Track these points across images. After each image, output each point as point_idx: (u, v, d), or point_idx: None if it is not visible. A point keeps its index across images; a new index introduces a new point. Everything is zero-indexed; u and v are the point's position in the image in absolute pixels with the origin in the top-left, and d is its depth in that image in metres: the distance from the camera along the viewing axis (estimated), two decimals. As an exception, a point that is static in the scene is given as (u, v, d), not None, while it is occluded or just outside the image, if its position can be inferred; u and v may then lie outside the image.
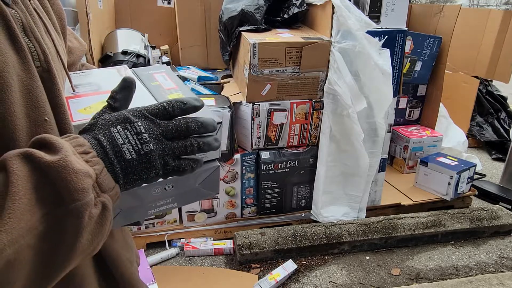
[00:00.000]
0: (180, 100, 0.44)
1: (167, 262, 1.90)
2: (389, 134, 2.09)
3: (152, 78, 0.65)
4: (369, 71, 1.78)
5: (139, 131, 0.41)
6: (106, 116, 0.43)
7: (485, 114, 3.38)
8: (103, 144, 0.40)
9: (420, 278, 1.83)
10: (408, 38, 2.39)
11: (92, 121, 0.43)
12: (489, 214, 2.15)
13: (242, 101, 1.86)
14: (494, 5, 6.71)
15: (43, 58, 0.45)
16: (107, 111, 0.45)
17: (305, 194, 2.08)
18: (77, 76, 0.65)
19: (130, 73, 0.66)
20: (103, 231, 0.39)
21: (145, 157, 0.41)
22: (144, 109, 0.43)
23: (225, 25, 1.98)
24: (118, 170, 0.40)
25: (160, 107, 0.43)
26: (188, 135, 0.44)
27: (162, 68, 0.69)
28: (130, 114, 0.42)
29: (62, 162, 0.35)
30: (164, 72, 0.68)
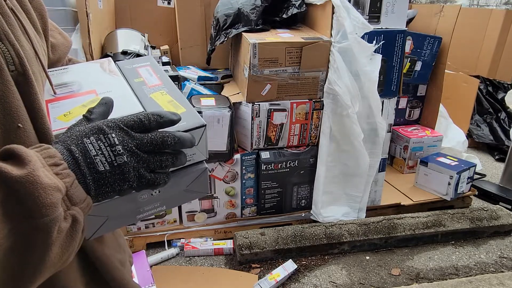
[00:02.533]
0: (157, 113, 0.44)
1: (167, 262, 1.90)
2: (389, 134, 2.09)
3: (136, 73, 0.62)
4: (364, 73, 1.78)
5: (113, 143, 0.41)
6: (80, 127, 0.43)
7: (484, 114, 3.39)
8: (75, 155, 0.39)
9: (420, 278, 1.83)
10: (408, 38, 2.39)
11: (66, 132, 0.43)
12: (489, 214, 2.15)
13: (242, 101, 1.86)
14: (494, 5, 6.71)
15: (18, 61, 0.44)
16: (83, 123, 0.45)
17: (305, 194, 2.08)
18: (58, 74, 0.61)
19: (113, 67, 0.63)
20: (74, 244, 0.38)
21: (118, 169, 0.40)
22: (119, 121, 0.42)
23: (218, 20, 1.98)
24: (90, 182, 0.40)
25: (136, 119, 0.43)
26: (163, 149, 0.44)
27: (147, 61, 0.66)
28: (105, 125, 0.41)
29: (30, 177, 0.34)
30: (149, 65, 0.64)
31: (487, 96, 3.40)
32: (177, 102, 0.56)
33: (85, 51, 1.57)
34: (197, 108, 1.77)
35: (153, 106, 0.55)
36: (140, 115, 0.43)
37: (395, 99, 2.01)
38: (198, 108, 1.76)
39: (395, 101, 2.02)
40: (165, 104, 0.55)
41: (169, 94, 0.57)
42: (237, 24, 1.94)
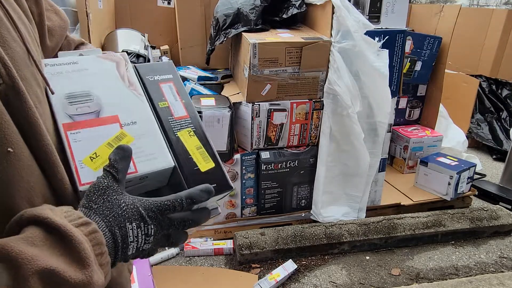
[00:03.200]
0: (191, 196, 0.45)
1: (167, 262, 1.90)
2: (389, 134, 2.09)
3: (159, 92, 0.55)
4: (369, 71, 1.78)
5: (149, 233, 0.43)
6: (116, 200, 0.42)
7: (485, 113, 3.39)
8: (117, 240, 0.41)
9: (420, 278, 1.82)
10: (408, 38, 2.39)
11: (100, 200, 0.41)
12: (489, 214, 2.15)
13: (242, 101, 1.86)
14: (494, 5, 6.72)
15: (6, 72, 0.38)
16: (113, 186, 0.43)
17: (305, 194, 2.08)
18: (65, 74, 0.50)
19: (133, 76, 0.54)
20: None
21: (139, 251, 0.44)
22: (157, 208, 0.43)
23: (217, 20, 1.98)
24: (116, 262, 0.42)
25: (171, 206, 0.44)
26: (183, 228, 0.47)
27: (169, 72, 0.58)
28: (146, 213, 0.42)
29: (88, 285, 0.34)
30: (172, 82, 0.57)
31: (489, 95, 3.40)
32: (205, 150, 0.52)
33: (85, 51, 1.57)
34: (197, 108, 1.77)
35: (182, 153, 0.51)
36: (176, 201, 0.44)
37: (395, 99, 2.01)
38: (198, 108, 1.76)
39: (395, 101, 2.02)
40: (194, 151, 0.52)
41: (196, 136, 0.53)
42: (237, 24, 1.94)
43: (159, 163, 0.49)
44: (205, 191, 0.45)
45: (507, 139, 3.20)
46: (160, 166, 0.49)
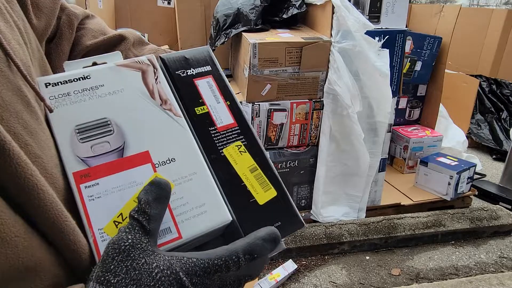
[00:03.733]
0: (250, 251, 0.31)
1: (167, 262, 1.90)
2: (389, 134, 2.09)
3: (195, 93, 0.41)
4: (369, 71, 1.78)
5: None
6: (151, 267, 0.29)
7: (485, 113, 3.39)
8: None
9: (420, 278, 1.83)
10: (408, 38, 2.39)
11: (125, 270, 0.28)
12: (489, 214, 2.15)
13: (242, 101, 1.86)
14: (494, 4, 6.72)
15: None
16: (141, 239, 0.30)
17: (305, 194, 2.08)
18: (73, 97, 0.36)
19: (165, 86, 0.40)
20: None
21: None
22: (204, 270, 0.30)
23: (218, 20, 1.98)
24: None
25: (223, 267, 0.30)
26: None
27: (207, 62, 0.44)
28: (188, 280, 0.29)
29: None
30: (211, 77, 0.43)
31: (489, 95, 3.40)
32: (262, 172, 0.39)
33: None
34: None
35: (230, 179, 0.37)
36: (231, 259, 0.30)
37: (395, 99, 2.01)
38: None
39: (395, 101, 2.02)
40: (247, 175, 0.38)
41: (248, 152, 0.40)
42: (237, 24, 1.94)
43: (211, 221, 0.34)
44: (270, 240, 0.33)
45: (507, 139, 3.21)
46: (213, 225, 0.34)
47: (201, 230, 0.34)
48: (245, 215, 0.36)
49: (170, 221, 0.33)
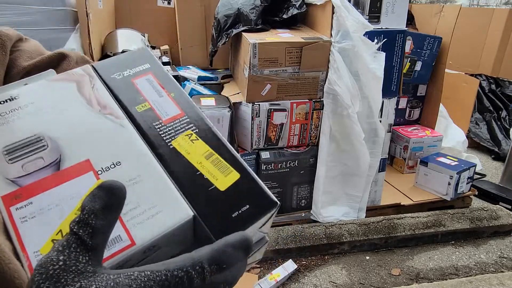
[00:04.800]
0: (217, 260, 0.26)
1: (167, 262, 1.90)
2: (389, 134, 2.09)
3: (134, 92, 0.39)
4: (366, 72, 1.78)
5: None
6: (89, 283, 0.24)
7: (484, 112, 3.40)
8: None
9: (420, 278, 1.83)
10: (408, 38, 2.39)
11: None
12: (489, 214, 2.15)
13: (242, 101, 1.86)
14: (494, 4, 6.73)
15: None
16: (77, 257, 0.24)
17: (305, 194, 2.08)
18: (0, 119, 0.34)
19: (102, 90, 0.38)
20: None
21: None
22: (158, 281, 0.24)
23: (219, 21, 1.98)
24: None
25: (183, 278, 0.25)
26: None
27: (145, 61, 0.41)
28: None
29: None
30: (150, 73, 0.41)
31: (489, 94, 3.41)
32: (219, 156, 0.35)
33: (85, 51, 1.56)
34: (197, 108, 1.76)
35: (184, 171, 0.33)
36: (193, 269, 0.25)
37: (395, 99, 2.01)
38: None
39: (395, 101, 2.02)
40: (202, 162, 0.34)
41: (201, 138, 0.36)
42: (237, 24, 1.94)
43: (168, 220, 0.31)
44: (241, 248, 0.28)
45: (506, 138, 3.21)
46: (171, 225, 0.30)
47: (158, 231, 0.30)
48: (207, 206, 0.32)
49: (119, 228, 0.29)
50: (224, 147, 0.35)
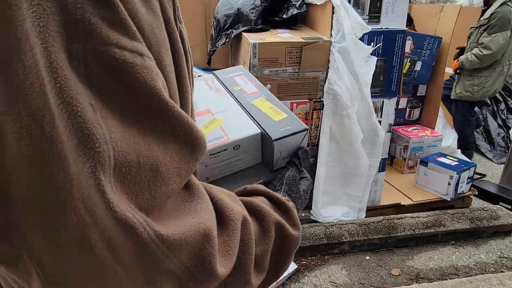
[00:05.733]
0: (298, 156, 0.63)
1: (167, 262, 1.90)
2: (389, 134, 2.09)
3: (234, 82, 0.71)
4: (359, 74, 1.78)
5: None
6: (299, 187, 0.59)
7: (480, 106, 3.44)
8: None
9: (420, 278, 1.83)
10: (408, 38, 2.39)
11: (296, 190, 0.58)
12: (489, 214, 2.15)
13: (242, 101, 1.86)
14: (494, 5, 6.72)
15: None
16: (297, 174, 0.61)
17: (305, 194, 2.07)
18: None
19: (217, 84, 0.70)
20: None
21: None
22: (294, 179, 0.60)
23: (218, 21, 1.98)
24: None
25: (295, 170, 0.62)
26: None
27: (240, 70, 0.75)
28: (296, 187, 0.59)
29: (299, 238, 0.48)
30: (242, 75, 0.74)
31: None
32: (277, 108, 0.65)
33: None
34: (197, 108, 1.77)
35: (260, 115, 0.64)
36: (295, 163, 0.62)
37: (395, 99, 2.01)
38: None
39: (395, 101, 2.02)
40: (268, 110, 0.64)
41: (268, 101, 0.67)
42: (237, 24, 1.94)
43: (246, 131, 0.60)
44: (303, 152, 0.63)
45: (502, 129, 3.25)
46: (247, 134, 0.59)
47: (240, 136, 0.58)
48: (269, 126, 0.60)
49: (220, 131, 0.59)
50: (279, 104, 0.65)
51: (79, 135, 0.24)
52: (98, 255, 0.26)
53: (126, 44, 0.27)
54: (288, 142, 0.60)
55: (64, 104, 0.24)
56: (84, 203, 0.25)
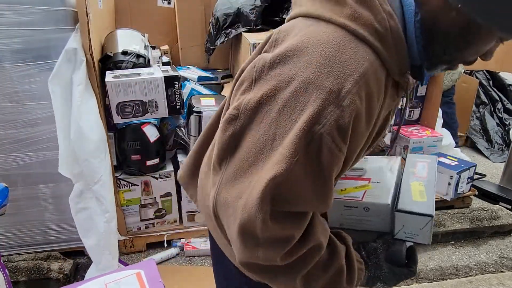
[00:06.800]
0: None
1: (167, 262, 1.90)
2: (389, 134, 2.09)
3: (413, 164, 0.83)
4: None
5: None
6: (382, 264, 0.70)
7: (478, 105, 3.45)
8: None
9: (420, 278, 1.82)
10: (408, 38, 2.38)
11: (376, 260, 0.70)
12: (489, 214, 2.15)
13: (242, 101, 1.86)
14: (494, 5, 6.73)
15: None
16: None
17: (305, 194, 2.07)
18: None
19: (397, 165, 0.82)
20: None
21: None
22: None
23: (218, 19, 1.98)
24: None
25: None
26: None
27: (429, 158, 0.84)
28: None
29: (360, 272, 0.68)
30: (426, 163, 0.83)
31: (488, 87, 3.46)
32: (425, 192, 0.72)
33: (85, 51, 1.56)
34: (197, 108, 1.77)
35: (406, 193, 0.73)
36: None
37: (395, 99, 2.01)
38: (198, 108, 1.76)
39: (395, 101, 2.02)
40: (415, 192, 0.72)
41: (424, 185, 0.74)
42: (237, 24, 1.94)
43: (377, 200, 0.69)
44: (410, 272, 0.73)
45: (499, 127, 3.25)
46: (377, 202, 0.69)
47: (371, 201, 0.70)
48: (403, 201, 0.70)
49: (362, 195, 0.72)
50: (431, 193, 0.72)
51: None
52: None
53: (341, 146, 0.53)
54: (410, 219, 0.68)
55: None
56: None
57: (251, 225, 0.51)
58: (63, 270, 1.71)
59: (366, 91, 0.52)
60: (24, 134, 1.65)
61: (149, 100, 1.72)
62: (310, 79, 0.51)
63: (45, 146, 1.67)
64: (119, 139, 1.80)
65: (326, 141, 0.51)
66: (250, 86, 0.56)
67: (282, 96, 0.52)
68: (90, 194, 1.59)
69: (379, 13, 0.52)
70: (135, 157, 1.78)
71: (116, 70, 1.75)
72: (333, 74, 0.50)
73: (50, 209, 1.78)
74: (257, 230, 0.52)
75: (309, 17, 0.56)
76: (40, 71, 1.57)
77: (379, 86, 0.55)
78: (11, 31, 1.51)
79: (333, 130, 0.50)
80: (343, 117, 0.50)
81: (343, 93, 0.50)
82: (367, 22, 0.52)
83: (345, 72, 0.50)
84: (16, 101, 1.60)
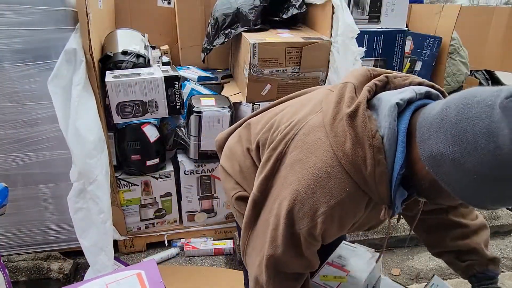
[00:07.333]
0: None
1: (167, 262, 1.90)
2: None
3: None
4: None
5: None
6: None
7: None
8: None
9: (420, 278, 1.82)
10: (408, 38, 2.39)
11: None
12: (489, 214, 2.15)
13: (242, 101, 1.86)
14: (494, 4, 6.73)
15: None
16: None
17: (305, 194, 2.07)
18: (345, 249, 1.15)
19: (378, 267, 0.97)
20: None
21: None
22: None
23: (217, 19, 1.97)
24: None
25: None
26: None
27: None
28: None
29: None
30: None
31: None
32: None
33: (85, 51, 1.56)
34: (197, 108, 1.77)
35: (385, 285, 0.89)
36: None
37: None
38: (198, 108, 1.76)
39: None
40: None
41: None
42: (236, 24, 1.94)
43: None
44: None
45: None
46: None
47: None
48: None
49: (335, 285, 0.92)
50: None
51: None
52: None
53: (314, 242, 0.75)
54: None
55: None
56: None
57: (261, 279, 0.78)
58: (63, 270, 1.71)
59: (339, 214, 0.68)
60: (24, 134, 1.65)
61: (149, 100, 1.72)
62: (299, 192, 0.69)
63: (45, 146, 1.67)
64: (119, 139, 1.80)
65: (303, 237, 0.72)
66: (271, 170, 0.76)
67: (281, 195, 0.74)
68: (87, 194, 1.59)
69: (370, 158, 0.64)
70: (135, 157, 1.78)
71: (116, 70, 1.75)
72: (315, 196, 0.67)
73: (50, 209, 1.78)
74: (264, 284, 0.78)
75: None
76: (40, 71, 1.57)
77: (356, 208, 0.69)
78: (11, 31, 1.51)
79: (307, 234, 0.71)
80: (315, 229, 0.69)
81: (318, 213, 0.67)
82: (356, 163, 0.64)
83: (325, 197, 0.66)
84: (16, 101, 1.61)
